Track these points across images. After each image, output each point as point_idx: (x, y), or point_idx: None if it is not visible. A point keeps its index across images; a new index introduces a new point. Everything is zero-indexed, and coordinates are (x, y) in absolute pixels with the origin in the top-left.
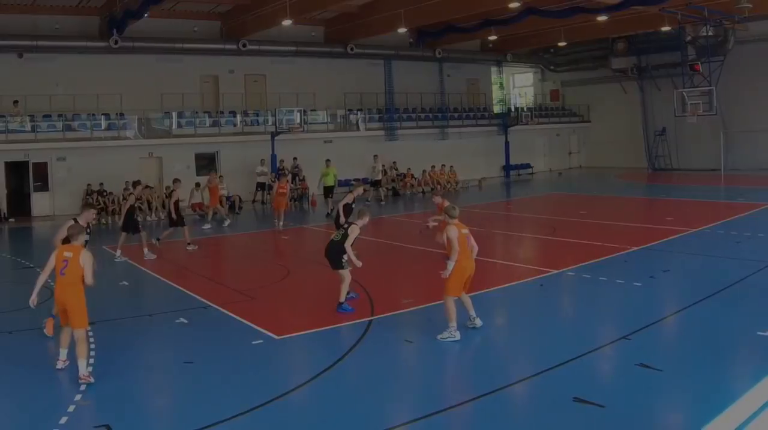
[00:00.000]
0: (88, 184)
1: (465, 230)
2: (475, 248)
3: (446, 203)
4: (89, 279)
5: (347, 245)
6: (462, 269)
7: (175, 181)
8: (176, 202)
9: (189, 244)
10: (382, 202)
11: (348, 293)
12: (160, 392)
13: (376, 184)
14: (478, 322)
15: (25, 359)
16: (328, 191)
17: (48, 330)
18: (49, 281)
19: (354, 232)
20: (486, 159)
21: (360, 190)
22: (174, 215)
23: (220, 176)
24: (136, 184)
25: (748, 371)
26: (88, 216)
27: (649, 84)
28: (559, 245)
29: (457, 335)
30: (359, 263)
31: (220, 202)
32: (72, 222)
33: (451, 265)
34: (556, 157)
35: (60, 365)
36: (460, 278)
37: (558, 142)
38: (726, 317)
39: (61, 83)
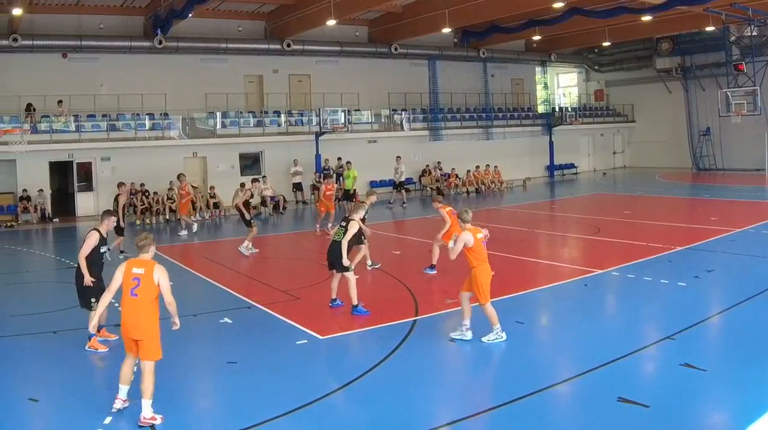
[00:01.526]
0: (131, 184)
1: (480, 235)
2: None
3: (448, 208)
4: (168, 298)
5: (344, 241)
6: (486, 273)
7: (254, 180)
8: (245, 203)
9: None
10: (405, 205)
11: (334, 300)
12: (204, 391)
13: (399, 186)
14: (469, 334)
15: (69, 358)
16: (346, 195)
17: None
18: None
19: (353, 227)
20: (530, 159)
21: (373, 198)
22: (247, 216)
23: (263, 176)
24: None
25: None
26: (109, 224)
27: (693, 84)
28: (603, 245)
29: (504, 335)
30: (347, 262)
31: (263, 202)
32: (96, 233)
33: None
34: (600, 157)
35: (119, 405)
36: (487, 282)
37: (602, 142)
38: None
39: (105, 83)
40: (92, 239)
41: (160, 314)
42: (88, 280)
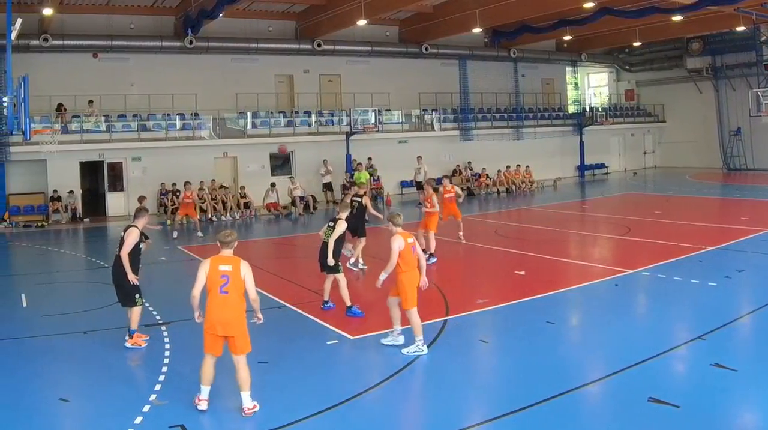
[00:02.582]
0: (162, 184)
1: (411, 239)
2: (422, 259)
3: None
4: (253, 294)
5: (330, 241)
6: (413, 279)
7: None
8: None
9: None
10: (421, 205)
11: (326, 302)
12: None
13: (419, 186)
14: (401, 339)
15: (99, 358)
16: None
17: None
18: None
19: (341, 226)
20: (561, 159)
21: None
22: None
23: (291, 177)
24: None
25: None
26: (144, 221)
27: (723, 84)
28: (634, 245)
29: (425, 349)
30: (332, 261)
31: (294, 202)
32: (135, 229)
33: (383, 276)
34: (631, 157)
35: (203, 406)
36: (413, 288)
37: (632, 142)
38: None
39: (135, 83)
40: (133, 236)
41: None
42: (133, 278)
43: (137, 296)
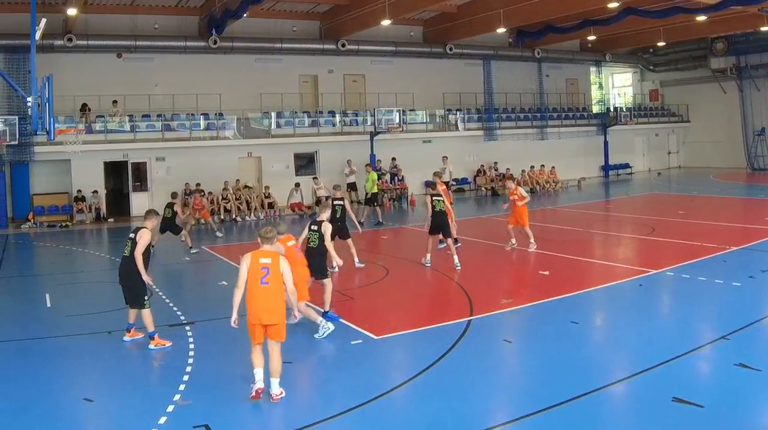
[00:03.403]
0: (186, 184)
1: (290, 242)
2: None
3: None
4: (291, 286)
5: (327, 244)
6: (300, 275)
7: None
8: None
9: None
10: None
11: (326, 313)
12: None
13: (445, 185)
14: (330, 325)
15: (124, 358)
16: (371, 199)
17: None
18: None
19: (328, 228)
20: (585, 159)
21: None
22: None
23: (315, 178)
24: None
25: None
26: (154, 223)
27: (748, 84)
28: (658, 245)
29: (331, 326)
30: (341, 261)
31: (318, 202)
32: (148, 232)
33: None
34: (655, 157)
35: (260, 385)
36: (302, 283)
37: (657, 142)
38: None
39: (160, 83)
40: (147, 237)
41: None
42: (147, 278)
43: (146, 298)
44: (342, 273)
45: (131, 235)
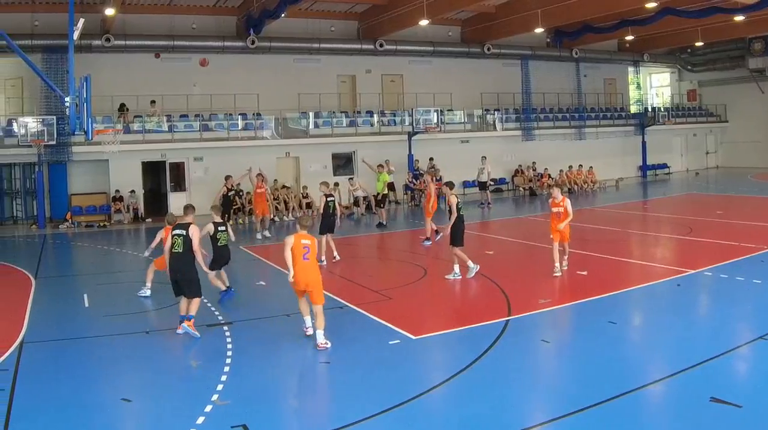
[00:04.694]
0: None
1: (305, 241)
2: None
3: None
4: (320, 256)
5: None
6: (301, 273)
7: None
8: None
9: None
10: (482, 205)
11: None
12: (297, 391)
13: (482, 186)
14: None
15: (162, 358)
16: (380, 200)
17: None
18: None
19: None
20: (623, 159)
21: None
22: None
23: (350, 178)
24: None
25: None
26: (193, 217)
27: None
28: (696, 245)
29: (149, 292)
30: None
31: (356, 202)
32: (196, 226)
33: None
34: (693, 157)
35: (310, 331)
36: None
37: (695, 142)
38: None
39: (198, 83)
40: (198, 231)
41: None
42: (207, 269)
43: (200, 287)
44: (381, 272)
45: (180, 231)
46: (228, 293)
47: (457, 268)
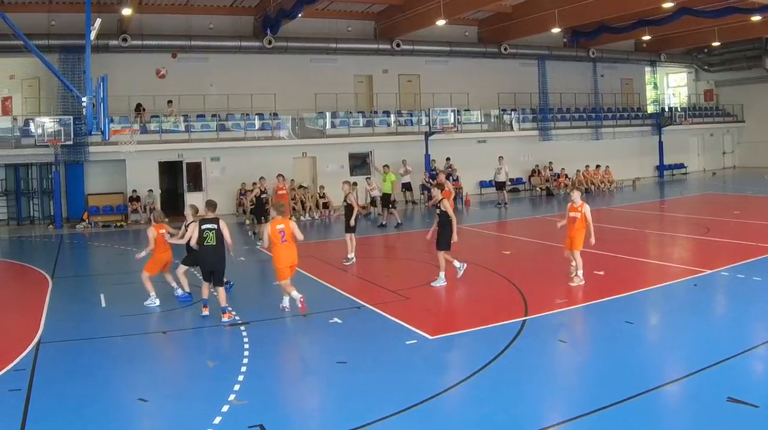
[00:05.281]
0: (242, 184)
1: (162, 230)
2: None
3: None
4: (300, 236)
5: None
6: (160, 259)
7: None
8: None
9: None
10: (499, 205)
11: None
12: (314, 391)
13: (500, 186)
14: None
15: (178, 358)
16: (385, 200)
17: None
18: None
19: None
20: (639, 159)
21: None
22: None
23: (368, 178)
24: None
25: None
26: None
27: None
28: (712, 245)
29: (158, 301)
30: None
31: (373, 202)
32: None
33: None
34: (710, 157)
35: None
36: (281, 262)
37: (712, 142)
38: None
39: (214, 83)
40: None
41: None
42: (234, 258)
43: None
44: (398, 272)
45: (211, 226)
46: (186, 297)
47: (443, 274)
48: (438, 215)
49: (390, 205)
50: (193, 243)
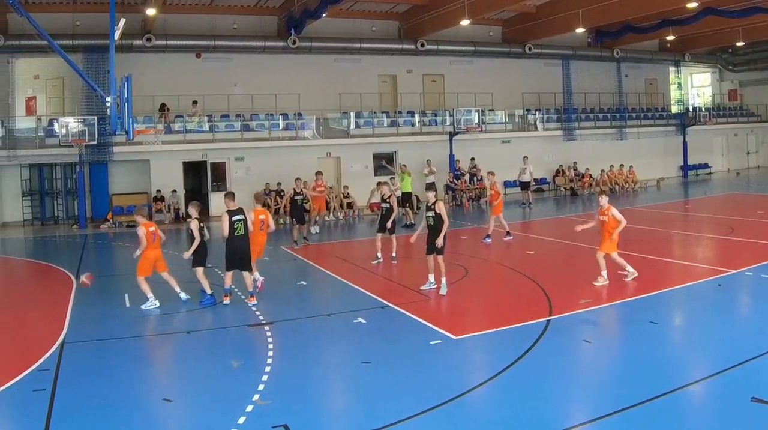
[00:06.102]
0: (267, 184)
1: (152, 228)
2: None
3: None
4: (273, 227)
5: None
6: (148, 257)
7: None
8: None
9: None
10: (524, 205)
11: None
12: (338, 391)
13: (525, 186)
14: (183, 295)
15: (202, 358)
16: (405, 199)
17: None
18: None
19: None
20: (663, 159)
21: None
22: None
23: (392, 178)
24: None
25: None
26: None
27: None
28: (737, 245)
29: (157, 303)
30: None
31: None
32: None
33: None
34: (734, 157)
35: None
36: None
37: (736, 142)
38: None
39: (239, 83)
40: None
41: None
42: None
43: None
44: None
45: (240, 217)
46: (209, 299)
47: (432, 277)
48: (432, 217)
49: (409, 205)
50: (225, 234)
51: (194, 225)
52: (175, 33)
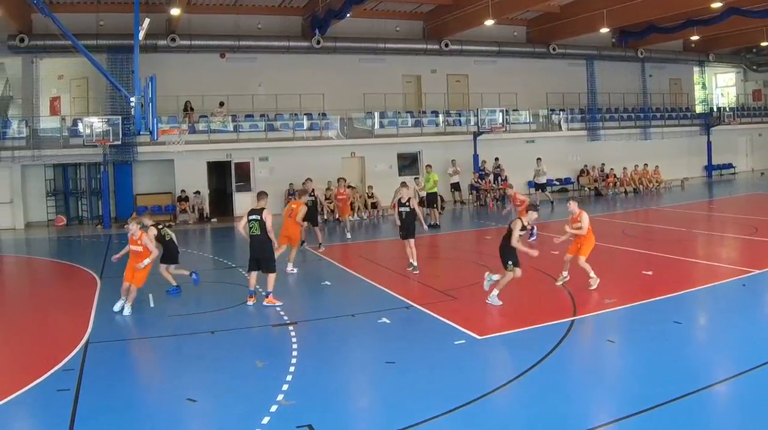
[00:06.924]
0: (290, 184)
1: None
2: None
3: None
4: (299, 217)
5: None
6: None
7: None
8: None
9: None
10: (545, 202)
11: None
12: (362, 391)
13: (541, 187)
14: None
15: (226, 359)
16: (431, 200)
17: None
18: None
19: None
20: (688, 159)
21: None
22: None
23: (416, 178)
24: None
25: None
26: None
27: None
28: (761, 245)
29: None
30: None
31: (421, 203)
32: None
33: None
34: (759, 157)
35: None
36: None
37: (760, 142)
38: None
39: (263, 83)
40: (271, 215)
41: None
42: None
43: (275, 263)
44: (447, 272)
45: (255, 217)
46: (176, 290)
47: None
48: (406, 213)
49: (434, 205)
50: (242, 231)
51: (152, 233)
52: (199, 33)
